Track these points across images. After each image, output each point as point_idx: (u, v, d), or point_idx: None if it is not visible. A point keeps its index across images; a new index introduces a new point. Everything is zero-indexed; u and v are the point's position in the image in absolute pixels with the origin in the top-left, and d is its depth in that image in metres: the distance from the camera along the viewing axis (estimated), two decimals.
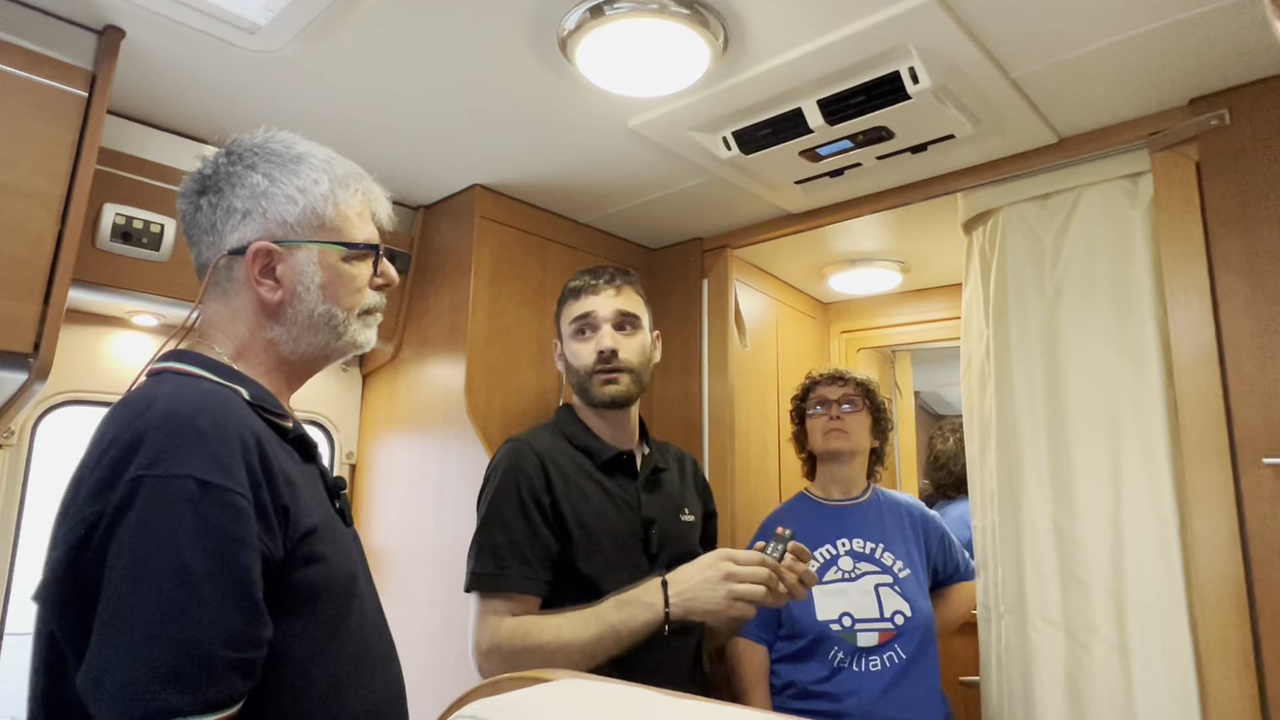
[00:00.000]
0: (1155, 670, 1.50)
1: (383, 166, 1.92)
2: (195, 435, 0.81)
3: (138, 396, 0.86)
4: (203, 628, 0.75)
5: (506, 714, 0.56)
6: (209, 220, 0.99)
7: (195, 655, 0.74)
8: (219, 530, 0.78)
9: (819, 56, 1.42)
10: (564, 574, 1.44)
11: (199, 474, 0.79)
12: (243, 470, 0.82)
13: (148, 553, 0.75)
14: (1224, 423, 1.45)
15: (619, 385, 1.55)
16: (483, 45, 1.42)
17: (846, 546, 1.91)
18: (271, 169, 1.00)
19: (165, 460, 0.78)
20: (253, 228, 0.98)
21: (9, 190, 1.30)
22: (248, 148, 1.01)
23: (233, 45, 1.39)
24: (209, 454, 0.80)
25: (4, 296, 1.29)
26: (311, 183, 1.01)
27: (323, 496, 0.99)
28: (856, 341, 2.96)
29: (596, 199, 2.11)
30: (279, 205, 0.99)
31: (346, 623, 0.92)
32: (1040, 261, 1.80)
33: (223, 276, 1.00)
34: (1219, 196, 1.52)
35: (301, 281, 0.99)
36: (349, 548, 1.00)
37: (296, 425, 0.99)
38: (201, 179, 1.01)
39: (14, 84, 1.32)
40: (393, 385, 2.18)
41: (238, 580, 0.78)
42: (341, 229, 1.03)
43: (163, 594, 0.74)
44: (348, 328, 1.04)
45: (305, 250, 1.00)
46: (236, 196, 0.99)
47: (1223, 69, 1.47)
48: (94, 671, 0.73)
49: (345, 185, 1.04)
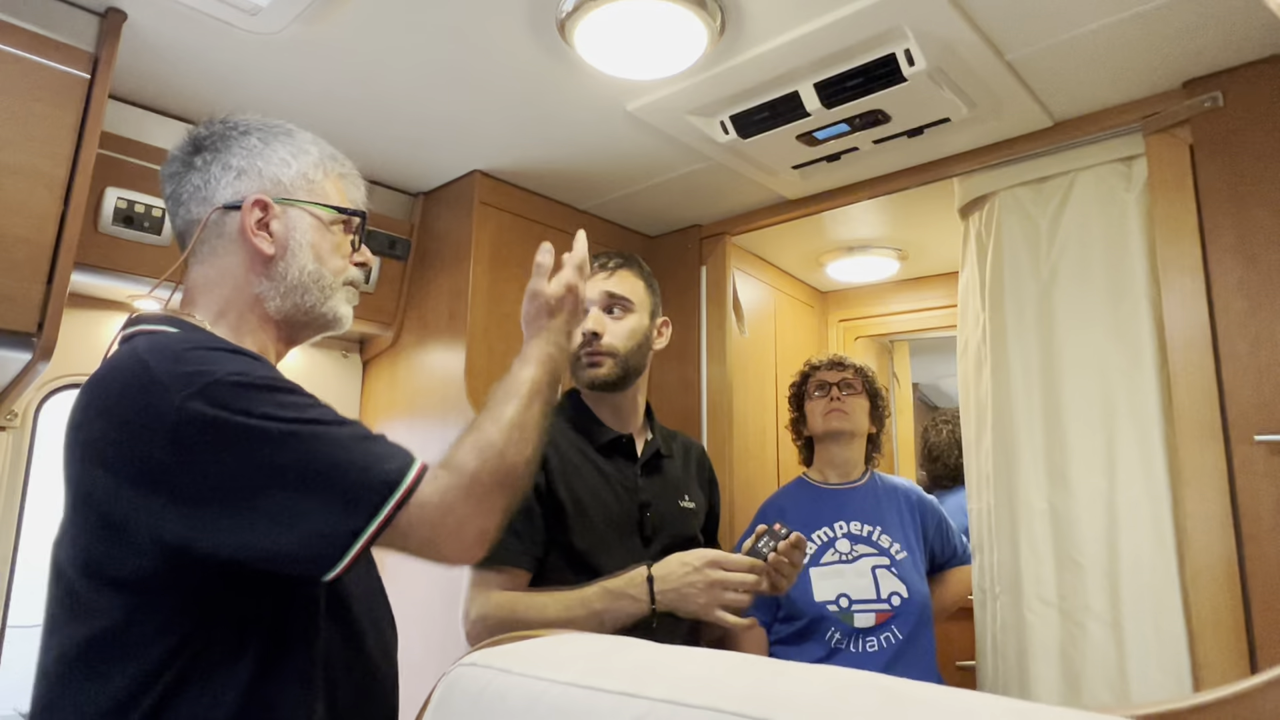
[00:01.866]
0: (1148, 647, 1.52)
1: (383, 153, 1.95)
2: (196, 350, 0.85)
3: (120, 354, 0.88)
4: (340, 431, 0.83)
5: (507, 659, 0.58)
6: (202, 178, 1.01)
7: (360, 442, 0.83)
8: (276, 389, 0.84)
9: (815, 38, 1.43)
10: (558, 548, 1.45)
11: (227, 371, 0.82)
12: (259, 365, 0.88)
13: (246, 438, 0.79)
14: (1217, 401, 1.47)
15: (600, 369, 1.52)
16: (482, 27, 1.43)
17: (844, 529, 1.93)
18: (266, 135, 1.04)
19: (189, 380, 0.80)
20: (248, 184, 1.01)
21: (12, 170, 1.31)
22: (243, 118, 1.05)
23: (233, 27, 1.40)
24: (224, 357, 0.85)
25: (8, 276, 1.31)
26: (303, 151, 1.06)
27: None
28: (854, 330, 2.97)
29: (595, 185, 2.12)
30: (274, 165, 1.03)
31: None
32: (1036, 245, 1.82)
33: (211, 234, 1.01)
34: (1213, 178, 1.53)
35: (294, 237, 1.02)
36: None
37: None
38: (197, 139, 1.04)
39: (17, 65, 1.33)
40: (393, 371, 2.19)
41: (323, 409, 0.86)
42: (329, 197, 1.07)
43: (289, 441, 0.80)
44: (334, 292, 1.06)
45: (298, 209, 1.03)
46: (233, 155, 1.02)
47: (1216, 51, 1.48)
48: (291, 529, 0.79)
49: (333, 159, 1.09)
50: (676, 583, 1.31)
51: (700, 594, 1.29)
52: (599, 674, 0.53)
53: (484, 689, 0.56)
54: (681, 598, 1.30)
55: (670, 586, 1.31)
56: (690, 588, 1.30)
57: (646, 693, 0.49)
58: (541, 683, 0.54)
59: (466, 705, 0.56)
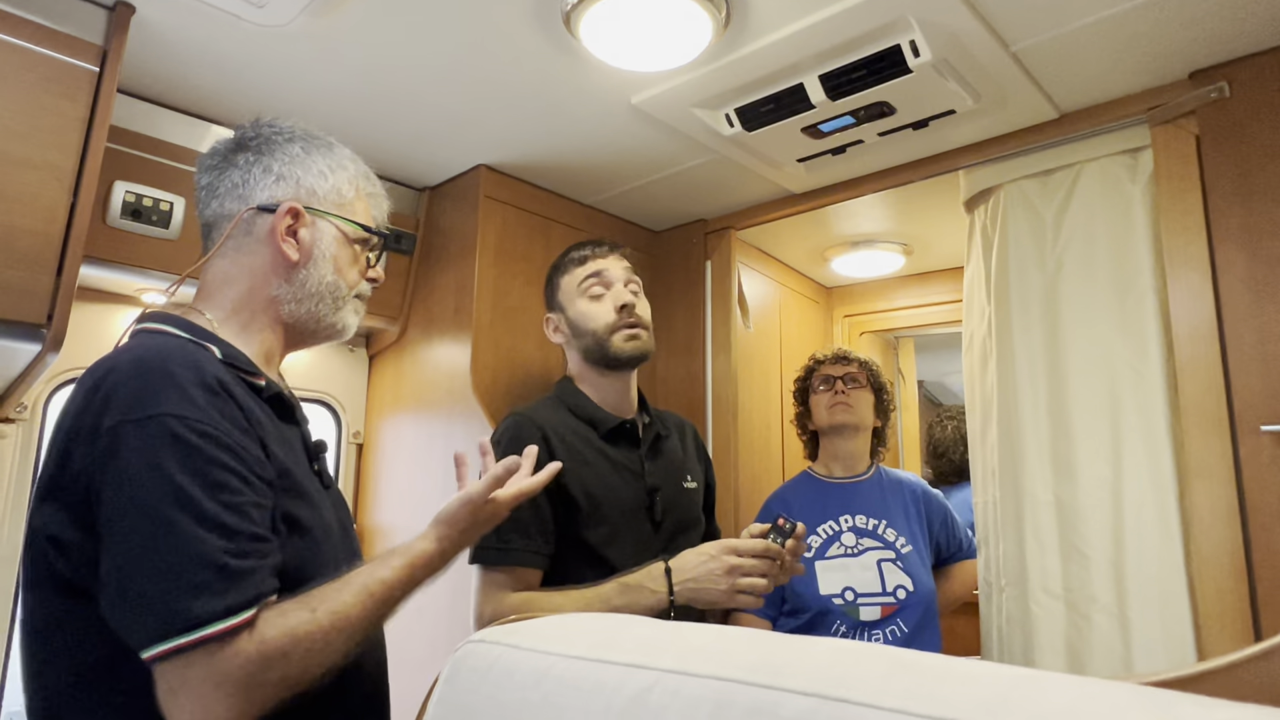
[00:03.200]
0: (1154, 638, 1.52)
1: (389, 147, 1.95)
2: (164, 376, 0.85)
3: (112, 354, 0.90)
4: (206, 542, 0.79)
5: (515, 636, 0.58)
6: (241, 176, 1.05)
7: (209, 566, 0.78)
8: (201, 454, 0.82)
9: (820, 30, 1.44)
10: (570, 544, 1.45)
11: (174, 410, 0.83)
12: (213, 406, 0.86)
13: (142, 487, 0.80)
14: (1223, 392, 1.47)
15: (641, 340, 1.56)
16: (487, 19, 1.43)
17: (849, 523, 1.93)
18: (309, 145, 1.09)
19: (141, 404, 0.83)
20: (284, 190, 1.05)
21: (21, 162, 1.32)
22: (289, 125, 1.10)
23: (241, 19, 1.41)
24: (180, 393, 0.85)
25: (18, 268, 1.31)
26: (340, 166, 1.11)
27: (301, 458, 1.02)
28: (859, 325, 2.97)
29: (600, 179, 2.13)
30: (312, 176, 1.07)
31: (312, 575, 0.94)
32: (1041, 238, 1.82)
33: (241, 230, 1.05)
34: (1218, 169, 1.53)
35: (319, 248, 1.06)
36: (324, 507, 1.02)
37: (272, 384, 1.01)
38: (241, 139, 1.08)
39: (26, 58, 1.34)
40: (399, 365, 2.19)
41: (228, 499, 0.82)
42: (356, 214, 1.12)
43: (165, 519, 0.78)
44: (345, 304, 1.11)
45: (327, 221, 1.08)
46: (275, 159, 1.06)
47: (1222, 41, 1.48)
48: (121, 601, 0.78)
49: (366, 178, 1.15)
50: (694, 572, 1.32)
51: (719, 581, 1.30)
52: (606, 647, 0.53)
53: (493, 664, 0.56)
54: (700, 587, 1.31)
55: (688, 576, 1.32)
56: (708, 576, 1.31)
57: (653, 664, 0.49)
58: (550, 657, 0.54)
59: (475, 680, 0.56)
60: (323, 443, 1.10)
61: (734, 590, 1.31)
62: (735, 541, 1.35)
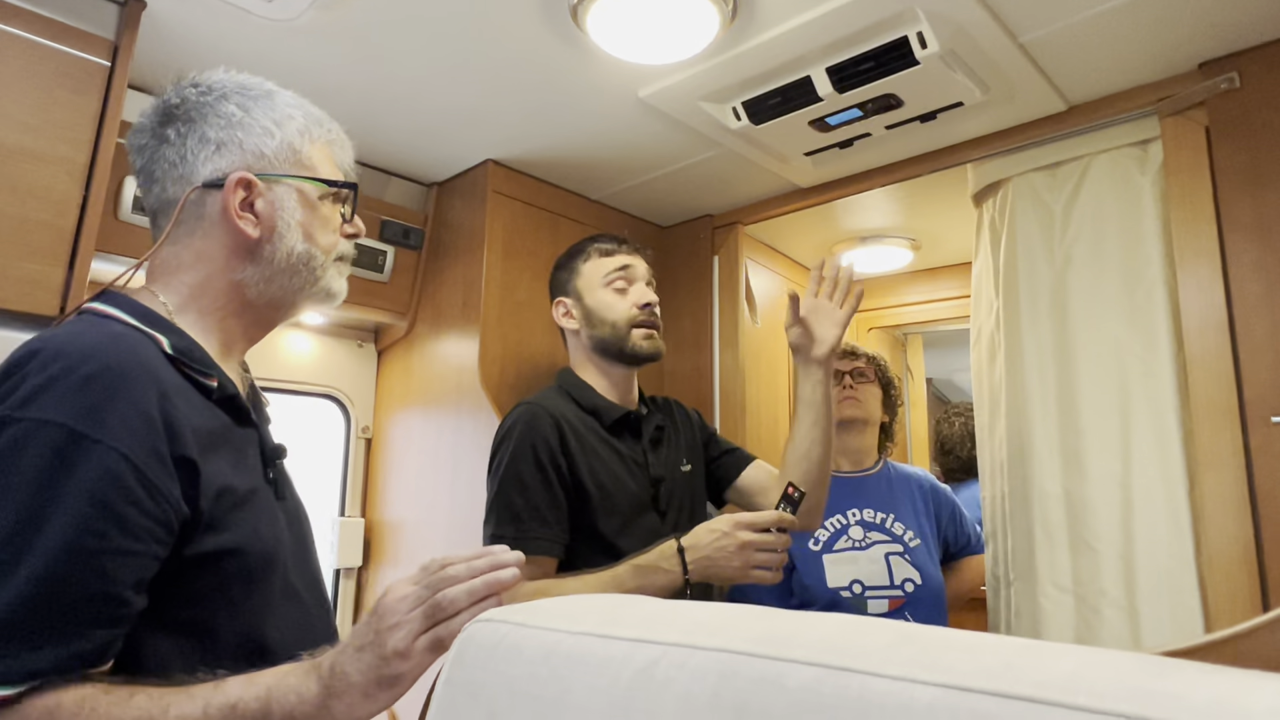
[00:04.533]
0: (1165, 632, 1.51)
1: (397, 143, 1.96)
2: (78, 380, 0.73)
3: (40, 335, 0.78)
4: (38, 594, 0.68)
5: (522, 614, 0.59)
6: (177, 153, 0.92)
7: (23, 621, 0.67)
8: (79, 488, 0.71)
9: (827, 21, 1.44)
10: (582, 534, 1.46)
11: (70, 422, 0.71)
12: (127, 421, 0.74)
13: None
14: (1233, 383, 1.46)
15: (656, 341, 1.59)
16: (495, 13, 1.44)
17: (857, 516, 1.93)
18: (245, 100, 0.95)
19: (37, 403, 0.72)
20: (228, 159, 0.92)
21: (35, 156, 1.34)
22: (216, 81, 0.96)
23: (251, 14, 1.42)
24: (87, 401, 0.73)
25: (31, 260, 1.33)
26: (286, 117, 0.97)
27: (254, 463, 0.92)
28: (867, 321, 2.97)
29: (608, 174, 2.13)
30: (256, 136, 0.93)
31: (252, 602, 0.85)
32: (1050, 231, 1.81)
33: (189, 214, 0.92)
34: (1229, 160, 1.52)
35: (282, 217, 0.93)
36: (274, 520, 0.91)
37: (225, 385, 0.90)
38: (166, 109, 0.94)
39: (39, 52, 1.35)
40: (407, 360, 2.20)
41: (88, 548, 0.70)
42: (316, 168, 0.98)
43: (1, 552, 0.68)
44: (325, 271, 0.98)
45: (284, 185, 0.94)
46: (210, 126, 0.92)
47: (1232, 32, 1.47)
48: None
49: (319, 124, 1.01)
50: (707, 549, 1.31)
51: (733, 557, 1.29)
52: (612, 623, 0.53)
53: (500, 641, 0.57)
54: (714, 564, 1.30)
55: (701, 554, 1.31)
56: (721, 552, 1.30)
57: (659, 638, 0.50)
58: (556, 634, 0.55)
59: (484, 656, 0.56)
60: (281, 448, 0.99)
61: (748, 565, 1.30)
62: (746, 516, 1.33)
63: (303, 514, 1.03)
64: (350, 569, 2.18)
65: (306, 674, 0.75)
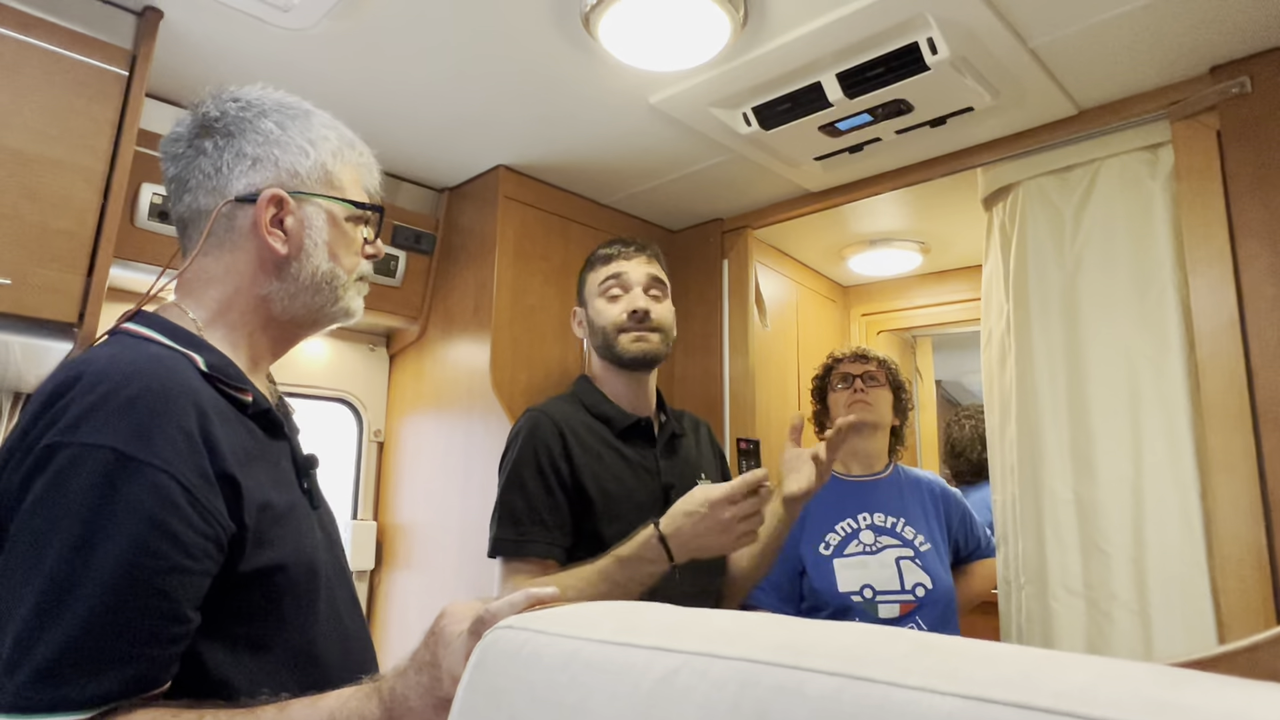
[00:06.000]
0: (1177, 636, 1.51)
1: (409, 148, 1.98)
2: (122, 402, 0.74)
3: (79, 358, 0.80)
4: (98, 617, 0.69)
5: (542, 622, 0.59)
6: (213, 165, 0.93)
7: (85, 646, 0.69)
8: (133, 509, 0.72)
9: (838, 28, 1.44)
10: (586, 539, 1.47)
11: (118, 445, 0.72)
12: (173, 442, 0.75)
13: (52, 528, 0.71)
14: (1245, 387, 1.46)
15: (648, 343, 1.57)
16: (508, 21, 1.45)
17: (867, 520, 1.93)
18: (283, 118, 0.97)
19: (84, 427, 0.73)
20: (263, 175, 0.94)
21: (54, 164, 1.36)
22: (256, 97, 0.97)
23: (266, 23, 1.44)
24: (133, 423, 0.74)
25: (51, 267, 1.35)
26: (321, 138, 0.99)
27: (288, 476, 0.94)
28: (877, 324, 2.97)
29: (618, 179, 2.14)
30: (292, 154, 0.95)
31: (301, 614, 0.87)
32: (1060, 234, 1.81)
33: (221, 226, 0.93)
34: (1240, 164, 1.52)
35: (310, 236, 0.95)
36: (312, 531, 0.93)
37: (259, 399, 0.91)
38: (205, 121, 0.95)
39: (58, 63, 1.37)
40: (419, 364, 2.22)
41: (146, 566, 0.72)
42: (345, 190, 1.00)
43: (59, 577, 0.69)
44: (346, 291, 1.00)
45: (314, 204, 0.96)
46: (248, 141, 0.94)
47: (1243, 36, 1.47)
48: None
49: (351, 146, 1.03)
50: (689, 535, 1.29)
51: (719, 534, 1.28)
52: (632, 631, 0.54)
53: (520, 648, 0.57)
54: (701, 546, 1.30)
55: (684, 540, 1.29)
56: (707, 533, 1.28)
57: (679, 647, 0.51)
58: (576, 641, 0.56)
59: (504, 663, 0.57)
60: (313, 458, 1.01)
61: (735, 538, 1.30)
62: (719, 489, 1.28)
63: (333, 520, 1.05)
64: (363, 571, 2.20)
65: (368, 697, 0.76)
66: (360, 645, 0.98)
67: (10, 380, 1.61)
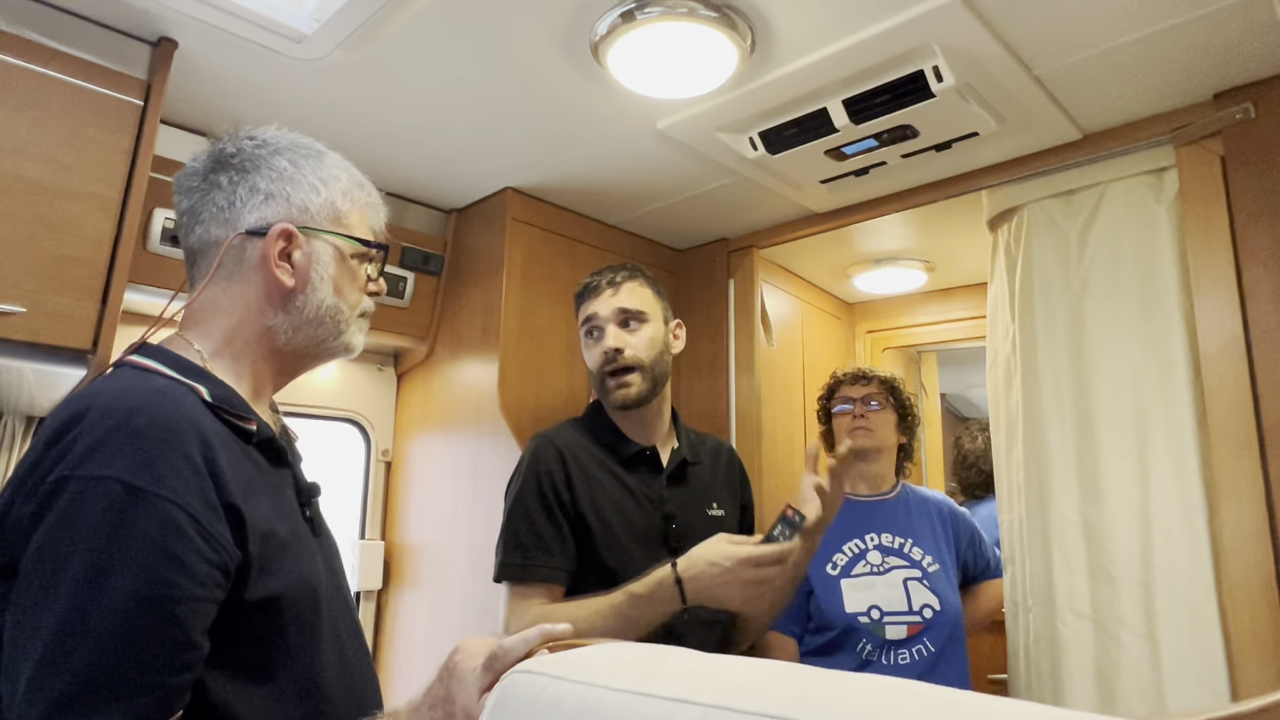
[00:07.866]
0: (1185, 661, 1.51)
1: (418, 171, 1.99)
2: (128, 435, 0.76)
3: (86, 392, 0.82)
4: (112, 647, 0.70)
5: (560, 667, 0.60)
6: (226, 198, 0.96)
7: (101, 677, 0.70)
8: (142, 540, 0.73)
9: (844, 56, 1.46)
10: (588, 564, 1.48)
11: (126, 477, 0.74)
12: (180, 472, 0.77)
13: (63, 561, 0.72)
14: (1252, 412, 1.46)
15: (629, 388, 1.54)
16: (518, 52, 1.47)
17: (875, 541, 1.93)
18: (296, 157, 1.00)
19: (92, 460, 0.74)
20: (274, 209, 0.97)
21: (69, 193, 1.37)
22: (271, 136, 1.01)
23: (279, 54, 1.45)
24: (140, 455, 0.75)
25: (65, 295, 1.36)
26: (332, 177, 1.02)
27: (291, 504, 0.95)
28: (882, 341, 2.98)
29: (625, 201, 2.16)
30: (303, 191, 0.98)
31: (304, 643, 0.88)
32: (1065, 257, 1.82)
33: (230, 258, 0.96)
34: (1244, 189, 1.53)
35: (316, 270, 0.98)
36: (313, 559, 0.95)
37: (263, 429, 0.94)
38: (221, 156, 0.98)
39: (74, 93, 1.39)
40: (427, 384, 2.23)
41: (158, 596, 0.73)
42: (352, 228, 1.03)
43: (73, 609, 0.70)
44: (348, 326, 1.03)
45: (322, 240, 0.99)
46: (261, 177, 0.97)
47: (1247, 62, 1.48)
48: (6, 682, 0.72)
49: (360, 186, 1.06)
50: (706, 584, 1.30)
51: (736, 592, 1.29)
52: (651, 680, 0.55)
53: (539, 695, 0.58)
54: (715, 597, 1.30)
55: (702, 588, 1.30)
56: (725, 588, 1.29)
57: (698, 698, 0.51)
58: (595, 689, 0.56)
59: (523, 709, 0.58)
60: (316, 486, 1.04)
61: (749, 600, 1.30)
62: (750, 552, 1.28)
63: (335, 547, 1.06)
64: (370, 591, 2.20)
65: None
66: (362, 673, 0.99)
67: (24, 405, 1.63)
